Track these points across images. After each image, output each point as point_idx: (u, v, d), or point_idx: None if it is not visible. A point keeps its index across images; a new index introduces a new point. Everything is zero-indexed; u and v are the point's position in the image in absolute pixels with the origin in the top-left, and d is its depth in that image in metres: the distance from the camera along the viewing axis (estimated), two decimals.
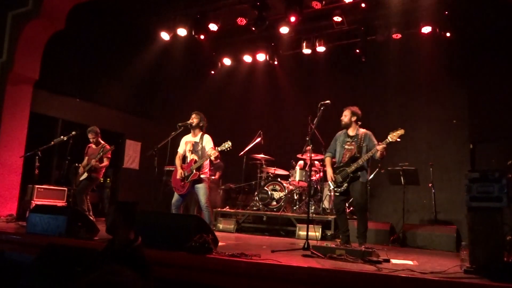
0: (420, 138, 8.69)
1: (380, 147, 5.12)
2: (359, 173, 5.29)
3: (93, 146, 7.48)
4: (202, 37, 9.43)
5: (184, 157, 6.18)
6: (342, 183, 5.38)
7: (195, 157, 5.99)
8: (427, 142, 8.72)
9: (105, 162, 7.30)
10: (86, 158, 7.37)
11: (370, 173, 5.87)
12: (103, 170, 7.42)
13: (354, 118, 5.53)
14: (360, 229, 5.31)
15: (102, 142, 7.49)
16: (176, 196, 6.06)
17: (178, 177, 6.00)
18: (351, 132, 5.54)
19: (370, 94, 9.55)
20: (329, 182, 5.57)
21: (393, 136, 5.08)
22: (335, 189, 5.49)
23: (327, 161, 5.66)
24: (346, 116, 5.56)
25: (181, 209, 6.13)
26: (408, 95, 9.26)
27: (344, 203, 5.63)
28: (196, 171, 5.90)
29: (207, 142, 6.04)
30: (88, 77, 9.45)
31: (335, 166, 5.57)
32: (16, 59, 7.81)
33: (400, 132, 5.06)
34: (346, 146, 5.48)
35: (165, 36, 9.57)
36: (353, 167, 5.26)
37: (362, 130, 5.51)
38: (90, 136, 7.45)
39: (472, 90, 8.50)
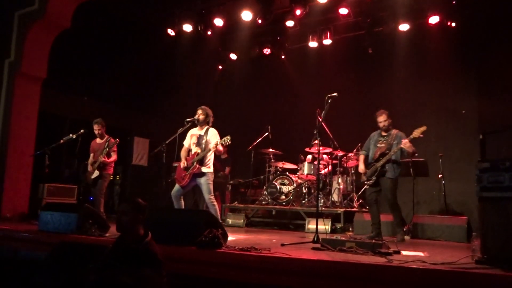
0: (429, 129, 8.56)
1: (406, 145, 5.52)
2: (386, 167, 5.74)
3: (97, 140, 7.25)
4: (209, 32, 9.42)
5: (189, 150, 6.20)
6: (371, 177, 5.86)
7: (198, 150, 6.00)
8: (436, 133, 8.64)
9: (113, 157, 7.09)
10: (92, 154, 7.17)
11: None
12: (113, 165, 7.20)
13: (390, 121, 5.96)
14: (395, 221, 5.89)
15: (107, 135, 7.27)
16: (176, 187, 6.08)
17: (182, 167, 6.04)
18: (384, 132, 6.00)
19: (378, 86, 9.48)
20: (361, 176, 6.08)
21: (416, 133, 5.53)
22: (366, 182, 5.97)
23: (361, 158, 6.15)
24: (385, 121, 5.93)
25: (181, 200, 6.12)
26: (416, 86, 9.18)
27: (376, 195, 5.95)
28: (197, 164, 5.90)
29: (212, 135, 6.03)
30: (95, 75, 9.49)
31: (368, 162, 6.03)
32: (24, 58, 7.88)
33: (423, 128, 5.51)
34: (378, 145, 5.97)
35: (170, 32, 9.58)
36: (381, 162, 5.75)
37: (395, 130, 5.96)
38: (96, 127, 7.18)
39: (481, 80, 8.41)
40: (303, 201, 8.24)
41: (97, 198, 6.96)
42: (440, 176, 7.54)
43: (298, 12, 8.36)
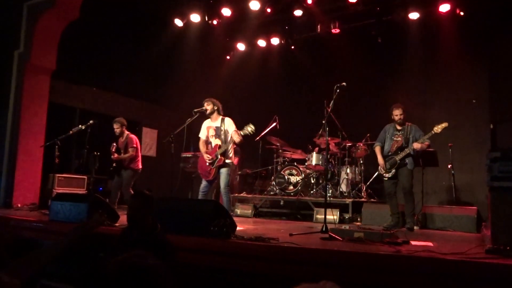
0: (439, 119, 8.52)
1: (418, 147, 5.78)
2: (406, 160, 5.94)
3: (120, 139, 7.38)
4: (215, 22, 9.38)
5: (206, 143, 6.21)
6: (390, 169, 6.02)
7: (219, 142, 6.02)
8: (446, 122, 8.55)
9: (130, 153, 7.19)
10: (116, 155, 7.25)
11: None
12: (137, 160, 7.33)
13: (405, 114, 6.08)
14: (407, 211, 5.95)
15: (127, 132, 7.39)
16: (204, 183, 6.13)
17: (207, 163, 6.04)
18: (399, 125, 6.11)
19: (387, 76, 9.40)
20: (380, 168, 6.19)
21: (437, 129, 5.71)
22: (384, 174, 6.10)
23: (377, 149, 6.25)
24: (401, 115, 6.04)
25: (208, 196, 6.18)
26: (426, 76, 9.09)
27: (395, 186, 6.10)
28: (221, 156, 5.95)
29: (229, 125, 6.06)
30: (104, 66, 9.50)
31: (384, 155, 6.16)
32: (33, 49, 7.91)
33: (444, 125, 5.70)
34: (395, 138, 6.12)
35: (178, 22, 9.55)
36: (401, 155, 5.91)
37: (408, 123, 6.11)
38: (114, 126, 7.33)
39: (493, 69, 8.29)
40: (311, 192, 8.24)
41: (125, 191, 7.18)
42: (449, 166, 7.48)
43: (309, 1, 8.27)
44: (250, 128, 5.80)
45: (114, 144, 7.31)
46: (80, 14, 8.18)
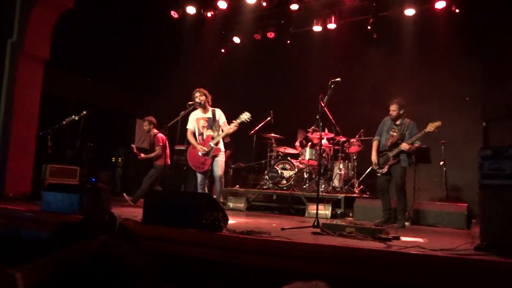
0: (433, 116, 8.56)
1: (406, 148, 5.75)
2: (400, 156, 5.89)
3: (139, 138, 7.72)
4: (209, 14, 9.33)
5: (195, 134, 6.21)
6: (383, 165, 6.00)
7: (212, 133, 6.03)
8: (439, 119, 8.59)
9: (157, 151, 7.55)
10: (142, 155, 7.73)
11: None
12: (164, 156, 7.61)
13: (401, 111, 6.02)
14: (399, 208, 5.95)
15: (155, 131, 7.71)
16: (200, 177, 6.12)
17: (200, 154, 6.04)
18: (397, 121, 6.06)
19: (382, 72, 9.41)
20: (373, 163, 6.16)
21: (431, 127, 5.71)
22: (377, 170, 6.09)
23: (375, 144, 6.23)
24: (394, 111, 6.01)
25: (206, 189, 6.20)
26: (420, 72, 9.12)
27: (388, 183, 6.08)
28: (215, 145, 5.97)
29: (220, 115, 6.08)
30: (98, 56, 9.44)
31: (379, 150, 6.15)
32: (27, 38, 7.83)
33: (438, 123, 5.70)
34: (391, 132, 6.08)
35: (174, 14, 9.49)
36: (394, 152, 5.88)
37: (407, 119, 6.05)
38: (144, 124, 7.81)
39: (486, 67, 8.34)
40: (304, 186, 8.27)
41: (143, 185, 7.46)
42: (442, 163, 7.52)
43: None
44: (246, 116, 5.82)
45: (133, 145, 7.61)
46: (74, 4, 8.11)
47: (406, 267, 3.15)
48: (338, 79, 5.40)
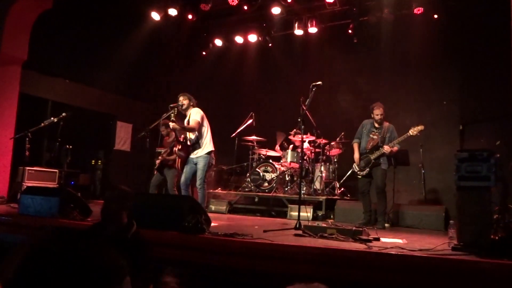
0: (411, 119, 8.73)
1: (388, 151, 5.93)
2: (381, 159, 6.04)
3: (166, 139, 7.45)
4: (190, 16, 9.33)
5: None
6: (364, 168, 6.11)
7: (191, 136, 6.07)
8: (417, 123, 8.75)
9: (174, 155, 7.27)
10: (163, 150, 7.37)
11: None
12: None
13: (384, 114, 6.21)
14: (380, 210, 6.07)
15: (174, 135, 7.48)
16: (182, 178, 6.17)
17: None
18: (378, 124, 6.19)
19: (362, 75, 9.55)
20: (354, 165, 6.29)
21: (413, 131, 5.91)
22: (358, 172, 6.19)
23: (356, 146, 6.35)
24: (382, 115, 6.17)
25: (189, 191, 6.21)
26: (399, 76, 9.26)
27: (369, 185, 6.20)
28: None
29: (192, 114, 6.07)
30: (77, 57, 9.31)
31: (360, 152, 6.26)
32: (4, 39, 7.68)
33: (420, 127, 5.88)
34: (371, 135, 6.19)
35: (155, 16, 9.44)
36: (376, 154, 6.01)
37: (386, 123, 6.21)
38: (161, 129, 7.39)
39: (463, 72, 8.52)
40: (286, 189, 8.31)
41: (152, 189, 7.40)
42: (420, 165, 7.66)
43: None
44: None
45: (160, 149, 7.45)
46: (53, 4, 7.99)
47: (386, 268, 3.21)
48: (319, 82, 5.46)
